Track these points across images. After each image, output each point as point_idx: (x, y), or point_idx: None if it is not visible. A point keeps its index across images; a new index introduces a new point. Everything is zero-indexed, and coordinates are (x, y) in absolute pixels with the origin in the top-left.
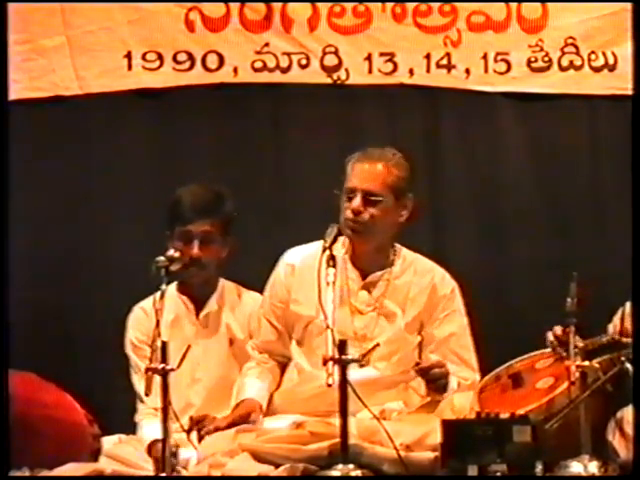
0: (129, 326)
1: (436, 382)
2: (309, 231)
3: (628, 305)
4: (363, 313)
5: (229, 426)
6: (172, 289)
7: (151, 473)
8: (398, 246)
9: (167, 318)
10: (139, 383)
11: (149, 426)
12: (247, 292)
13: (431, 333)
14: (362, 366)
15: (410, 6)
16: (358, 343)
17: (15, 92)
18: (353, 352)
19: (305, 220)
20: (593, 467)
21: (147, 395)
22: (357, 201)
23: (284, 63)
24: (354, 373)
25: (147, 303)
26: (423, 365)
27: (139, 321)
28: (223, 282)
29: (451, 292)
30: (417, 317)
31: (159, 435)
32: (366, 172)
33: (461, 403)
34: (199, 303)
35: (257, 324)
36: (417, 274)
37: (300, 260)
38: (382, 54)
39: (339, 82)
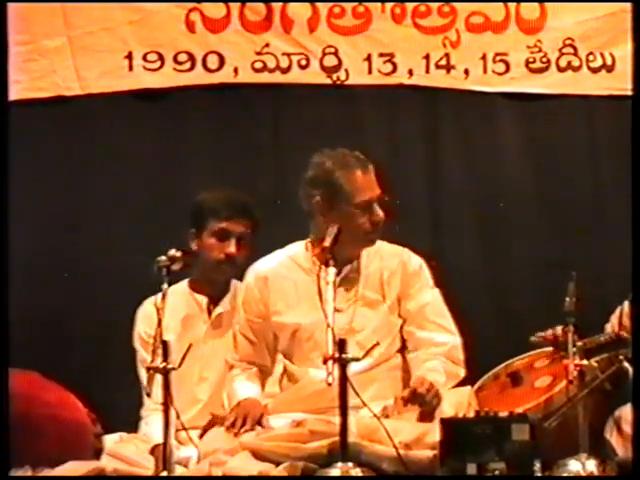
0: (138, 320)
1: (426, 401)
2: (308, 231)
3: (626, 304)
4: (342, 310)
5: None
6: (184, 287)
7: (152, 472)
8: None
9: (178, 315)
10: (145, 377)
11: (155, 424)
12: None
13: (406, 309)
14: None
15: (409, 7)
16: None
17: (16, 92)
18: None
19: (305, 220)
20: (591, 465)
21: (148, 395)
22: (379, 210)
23: (284, 64)
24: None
25: (158, 298)
26: (405, 396)
27: (149, 315)
28: (235, 283)
29: (419, 268)
30: (396, 297)
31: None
32: (369, 180)
33: (458, 400)
34: (212, 303)
35: (234, 341)
36: (384, 259)
37: (271, 271)
38: (381, 55)
39: (339, 82)
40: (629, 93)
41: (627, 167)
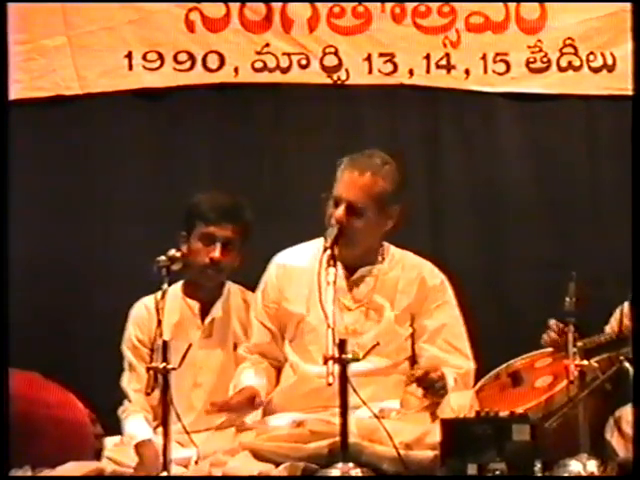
0: (130, 322)
1: (434, 387)
2: (309, 231)
3: (626, 305)
4: (351, 309)
5: (237, 405)
6: (177, 290)
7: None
8: (386, 244)
9: (171, 319)
10: (129, 381)
11: (134, 422)
12: (252, 295)
13: (423, 325)
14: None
15: (409, 7)
16: (349, 338)
17: (16, 92)
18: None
19: (305, 220)
20: (592, 466)
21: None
22: (340, 211)
23: (284, 63)
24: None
25: (150, 300)
26: (418, 374)
27: (141, 319)
28: (229, 285)
29: (440, 284)
30: (407, 309)
31: (144, 431)
32: (352, 182)
33: (459, 404)
34: (205, 307)
35: (249, 326)
36: (405, 269)
37: (290, 260)
38: (382, 54)
39: (339, 82)
40: (630, 93)
41: (627, 167)
